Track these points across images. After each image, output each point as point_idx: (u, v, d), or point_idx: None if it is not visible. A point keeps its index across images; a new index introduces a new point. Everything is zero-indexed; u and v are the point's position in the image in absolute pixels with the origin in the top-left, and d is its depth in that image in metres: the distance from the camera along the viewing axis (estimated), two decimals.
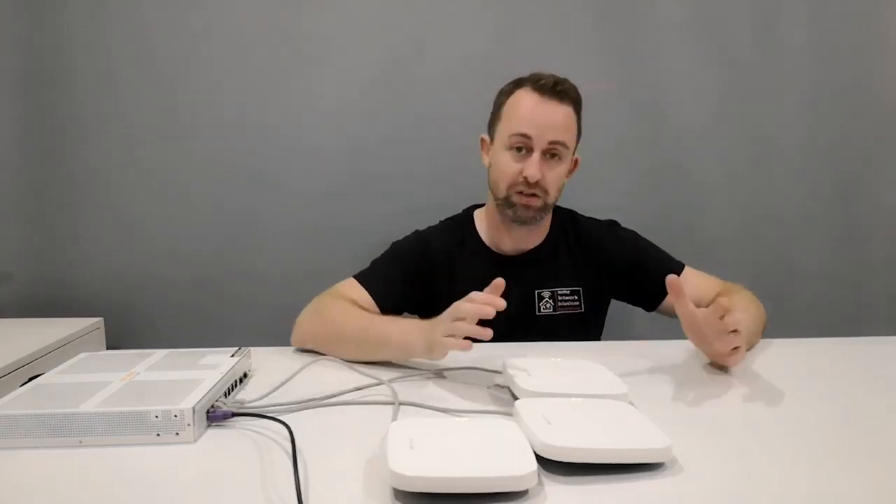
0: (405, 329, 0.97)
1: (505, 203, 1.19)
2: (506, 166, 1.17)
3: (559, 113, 1.15)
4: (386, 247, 1.25)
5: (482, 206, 1.31)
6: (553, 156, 1.16)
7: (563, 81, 1.16)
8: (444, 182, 1.60)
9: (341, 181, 1.64)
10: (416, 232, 1.29)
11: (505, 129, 1.18)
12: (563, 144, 1.15)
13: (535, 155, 1.14)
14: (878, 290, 1.71)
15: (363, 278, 1.18)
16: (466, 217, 1.31)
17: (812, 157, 1.67)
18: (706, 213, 1.68)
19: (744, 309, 1.06)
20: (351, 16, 1.59)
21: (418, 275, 1.22)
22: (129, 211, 1.63)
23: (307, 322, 1.10)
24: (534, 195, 1.16)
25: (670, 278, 0.89)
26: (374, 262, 1.24)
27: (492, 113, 1.24)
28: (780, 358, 1.02)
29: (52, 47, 1.57)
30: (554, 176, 1.17)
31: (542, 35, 1.61)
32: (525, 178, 1.14)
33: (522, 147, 1.15)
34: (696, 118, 1.65)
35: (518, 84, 1.19)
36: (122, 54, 1.58)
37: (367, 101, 1.62)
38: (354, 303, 1.12)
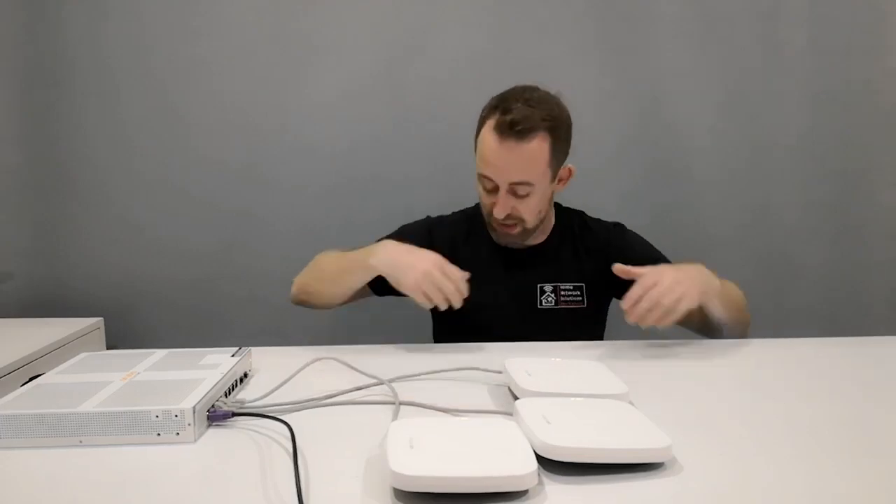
0: (374, 248, 1.10)
1: (490, 227, 1.24)
2: (482, 199, 1.21)
3: (519, 153, 1.11)
4: None
5: None
6: (519, 194, 1.15)
7: (524, 119, 1.10)
8: (444, 182, 1.60)
9: (341, 181, 1.64)
10: (427, 218, 1.33)
11: (476, 163, 1.18)
12: (526, 183, 1.13)
13: (501, 193, 1.15)
14: (878, 290, 1.71)
15: None
16: (477, 210, 1.30)
17: (812, 157, 1.67)
18: (706, 213, 1.68)
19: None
20: (351, 16, 1.59)
21: None
22: (129, 211, 1.63)
23: (300, 276, 1.21)
24: (512, 225, 1.18)
25: (617, 267, 1.03)
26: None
27: (474, 139, 1.22)
28: (781, 358, 1.02)
29: (52, 48, 1.57)
30: (526, 207, 1.16)
31: (542, 35, 1.61)
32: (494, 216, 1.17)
33: (490, 186, 1.16)
34: (697, 118, 1.65)
35: (490, 112, 1.15)
36: (122, 55, 1.58)
37: (367, 101, 1.62)
38: None
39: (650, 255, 1.25)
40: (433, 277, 1.02)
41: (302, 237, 1.65)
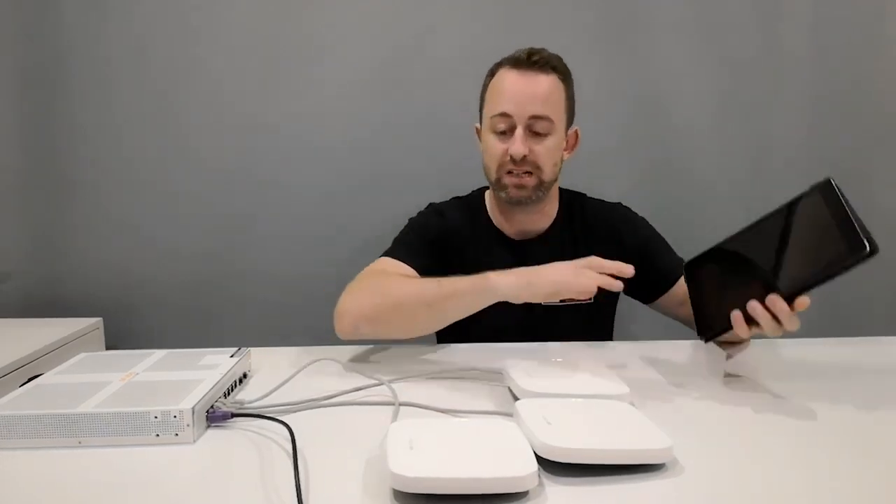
0: (486, 274, 0.95)
1: (497, 186, 1.15)
2: (492, 148, 1.13)
3: (538, 84, 1.09)
4: (386, 244, 1.24)
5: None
6: (537, 132, 1.10)
7: (541, 51, 1.11)
8: (446, 182, 1.58)
9: (340, 181, 1.64)
10: (431, 205, 1.27)
11: (488, 112, 1.14)
12: (547, 118, 1.09)
13: (519, 131, 1.09)
14: (878, 290, 1.70)
15: (399, 254, 1.13)
16: (477, 196, 1.28)
17: (812, 157, 1.67)
18: (706, 213, 1.67)
19: None
20: (349, 14, 1.59)
21: (435, 246, 1.18)
22: (128, 211, 1.63)
23: (357, 304, 1.01)
24: (527, 173, 1.12)
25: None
26: (399, 240, 1.19)
27: (479, 99, 1.20)
28: (781, 358, 1.02)
29: (52, 48, 1.57)
30: (543, 150, 1.11)
31: (542, 35, 1.60)
32: (511, 156, 1.10)
33: (506, 127, 1.11)
34: (697, 117, 1.65)
35: (499, 64, 1.15)
36: (120, 54, 1.58)
37: (367, 100, 1.61)
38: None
39: (653, 244, 1.23)
40: (582, 264, 0.91)
41: (302, 238, 1.65)
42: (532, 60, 1.09)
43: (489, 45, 1.59)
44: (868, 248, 0.76)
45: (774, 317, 0.81)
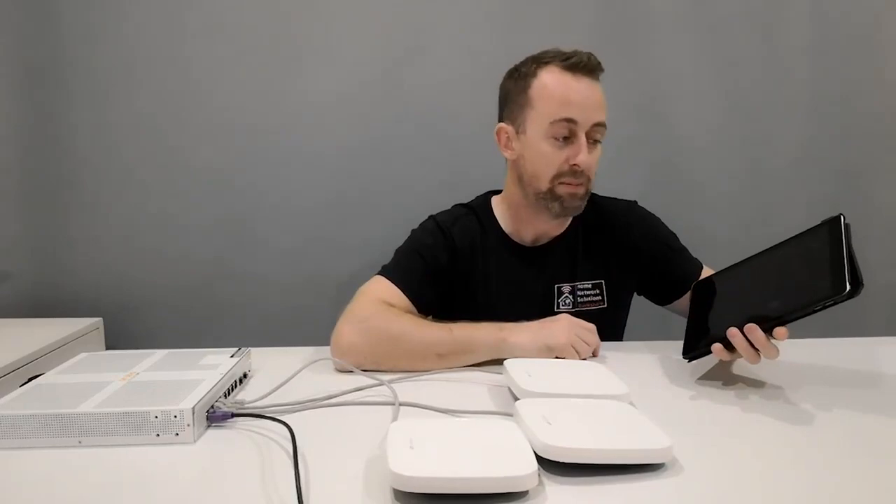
0: (502, 328, 0.99)
1: (549, 196, 1.09)
2: (549, 156, 1.07)
3: (597, 91, 1.08)
4: (383, 252, 1.21)
5: (498, 192, 1.23)
6: (596, 140, 1.09)
7: (592, 55, 1.08)
8: (445, 186, 1.59)
9: (338, 186, 1.63)
10: (433, 220, 1.20)
11: (543, 116, 1.07)
12: (604, 125, 1.08)
13: (582, 140, 1.06)
14: (878, 290, 1.70)
15: (395, 277, 1.10)
16: (483, 204, 1.22)
17: (812, 157, 1.67)
18: (706, 214, 1.67)
19: None
20: (349, 17, 1.59)
21: (440, 271, 1.13)
22: (128, 212, 1.63)
23: (364, 345, 0.98)
24: (580, 183, 1.09)
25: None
26: (400, 261, 1.15)
27: (509, 100, 1.13)
28: (781, 358, 1.01)
29: (52, 51, 1.57)
30: (594, 160, 1.09)
31: (542, 37, 1.59)
32: (573, 166, 1.06)
33: (568, 134, 1.06)
34: (697, 119, 1.65)
35: (539, 63, 1.09)
36: (119, 57, 1.57)
37: (366, 104, 1.61)
38: (392, 306, 1.05)
39: (669, 244, 1.22)
40: (577, 333, 1.00)
41: (301, 240, 1.64)
42: (593, 63, 1.07)
43: (489, 49, 1.60)
44: (847, 289, 0.79)
45: (753, 345, 0.85)
